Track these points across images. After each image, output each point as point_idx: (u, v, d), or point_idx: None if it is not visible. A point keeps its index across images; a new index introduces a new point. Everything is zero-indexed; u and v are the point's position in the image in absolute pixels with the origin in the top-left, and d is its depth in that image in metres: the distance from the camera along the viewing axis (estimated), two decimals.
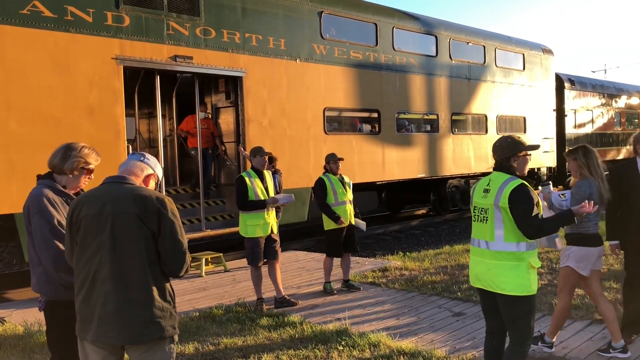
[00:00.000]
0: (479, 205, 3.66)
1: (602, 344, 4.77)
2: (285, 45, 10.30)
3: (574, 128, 19.85)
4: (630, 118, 23.66)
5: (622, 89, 23.94)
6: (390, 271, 8.00)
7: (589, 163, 4.41)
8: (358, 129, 12.19)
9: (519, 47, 16.38)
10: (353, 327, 5.45)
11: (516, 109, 16.09)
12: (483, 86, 14.85)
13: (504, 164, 3.63)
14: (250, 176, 6.46)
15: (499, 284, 3.52)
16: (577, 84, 20.39)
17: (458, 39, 14.13)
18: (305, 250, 10.34)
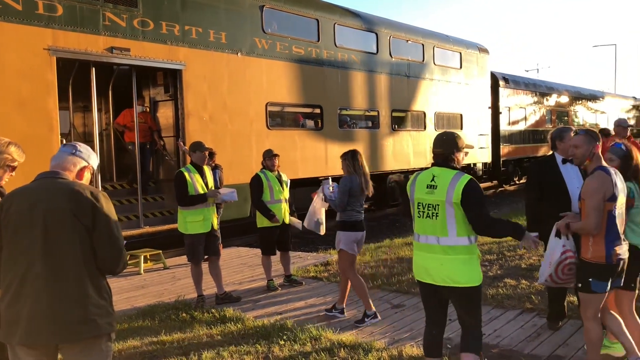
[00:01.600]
0: (425, 202, 3.60)
1: (532, 332, 5.00)
2: (226, 39, 10.18)
3: (508, 125, 20.59)
4: (560, 115, 24.77)
5: (552, 87, 25.03)
6: (332, 265, 8.07)
7: (354, 163, 5.54)
8: (301, 124, 12.22)
9: (456, 46, 16.84)
10: (295, 322, 5.47)
11: (453, 106, 16.54)
12: (422, 84, 15.18)
13: (449, 158, 3.63)
14: (190, 171, 6.36)
15: (455, 278, 3.55)
16: (511, 83, 21.15)
17: (398, 36, 14.37)
18: (248, 246, 10.29)
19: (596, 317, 3.87)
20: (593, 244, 3.76)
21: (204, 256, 6.50)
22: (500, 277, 6.87)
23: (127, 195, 9.78)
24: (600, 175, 3.75)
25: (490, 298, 5.99)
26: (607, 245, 3.73)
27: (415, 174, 3.76)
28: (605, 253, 3.73)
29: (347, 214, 5.55)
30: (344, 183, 5.52)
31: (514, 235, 3.63)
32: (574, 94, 26.60)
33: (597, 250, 3.75)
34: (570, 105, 25.89)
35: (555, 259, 3.97)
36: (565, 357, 4.47)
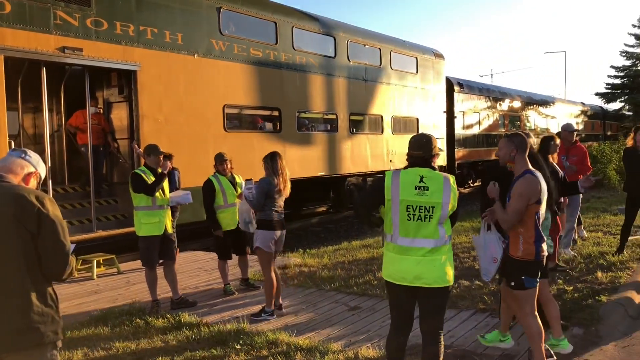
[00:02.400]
0: (417, 204, 3.50)
1: (485, 331, 5.11)
2: (182, 40, 10.05)
3: (463, 129, 21.03)
4: (513, 120, 25.46)
5: (506, 92, 25.71)
6: (290, 268, 8.06)
7: (272, 165, 5.78)
8: (259, 127, 12.17)
9: (413, 51, 17.10)
10: (251, 326, 5.44)
11: (410, 110, 16.78)
12: (379, 88, 15.35)
13: (429, 161, 3.63)
14: (145, 173, 6.25)
15: (445, 277, 3.57)
16: (466, 87, 21.62)
17: (355, 41, 14.49)
18: (204, 250, 10.16)
19: (533, 312, 4.08)
20: (524, 242, 3.99)
21: (158, 260, 6.40)
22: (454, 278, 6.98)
23: (80, 198, 9.52)
24: (530, 179, 3.97)
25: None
26: (536, 244, 3.99)
27: (392, 174, 3.59)
28: (534, 251, 3.98)
29: (265, 213, 5.79)
30: (261, 184, 5.78)
31: None
32: (526, 99, 27.39)
33: (528, 248, 3.99)
34: (522, 110, 26.64)
35: (499, 254, 4.18)
36: (516, 355, 4.58)
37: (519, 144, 4.08)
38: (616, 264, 7.33)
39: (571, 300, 5.88)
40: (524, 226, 4.00)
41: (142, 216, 6.20)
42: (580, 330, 5.06)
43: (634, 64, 38.18)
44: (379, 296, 6.37)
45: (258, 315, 5.79)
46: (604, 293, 6.09)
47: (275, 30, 12.06)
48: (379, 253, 8.74)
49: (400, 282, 3.59)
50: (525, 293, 4.05)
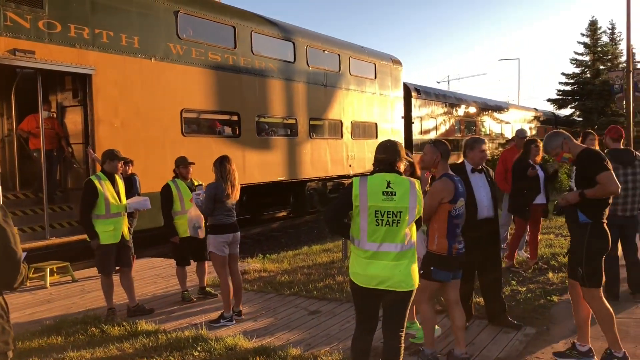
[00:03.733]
0: (385, 209, 3.52)
1: (440, 333, 5.21)
2: (139, 44, 9.91)
3: (420, 134, 21.38)
4: (468, 125, 26.02)
5: (461, 98, 26.27)
6: (250, 274, 8.03)
7: (221, 170, 5.82)
8: (218, 131, 12.08)
9: (371, 57, 17.30)
10: (210, 332, 5.40)
11: (369, 116, 16.97)
12: (338, 93, 15.47)
13: (394, 164, 3.68)
14: (100, 179, 6.13)
15: (410, 282, 3.62)
16: (423, 93, 22.00)
17: (315, 46, 14.58)
18: (162, 256, 10.01)
19: (430, 300, 4.53)
20: (438, 237, 4.36)
21: (115, 267, 6.29)
22: None
23: (32, 205, 9.25)
24: (444, 180, 4.37)
25: None
26: (449, 240, 4.36)
27: (360, 181, 3.59)
28: (447, 246, 4.35)
29: (215, 218, 5.82)
30: (209, 190, 5.82)
31: None
32: (482, 105, 28.05)
33: (442, 243, 4.35)
34: (478, 115, 27.25)
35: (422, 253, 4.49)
36: (472, 355, 4.68)
37: (443, 151, 4.51)
38: (566, 265, 7.56)
39: (524, 301, 6.06)
40: (438, 222, 4.38)
41: (96, 224, 6.07)
42: (533, 330, 5.21)
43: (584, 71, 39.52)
44: (338, 300, 6.41)
45: (216, 322, 5.75)
46: (555, 293, 6.30)
47: (234, 34, 12.02)
48: (338, 257, 8.80)
49: (367, 285, 3.61)
50: (430, 283, 4.41)
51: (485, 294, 5.48)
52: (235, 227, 5.98)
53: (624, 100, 18.84)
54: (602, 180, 4.18)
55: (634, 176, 5.98)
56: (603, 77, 34.95)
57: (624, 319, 5.62)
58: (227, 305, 5.83)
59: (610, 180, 4.18)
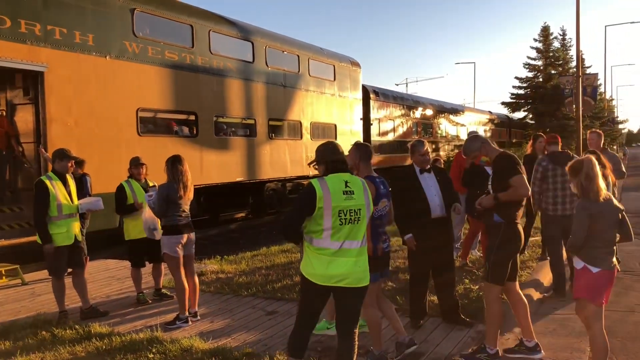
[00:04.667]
0: (348, 208, 3.59)
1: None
2: (93, 41, 9.70)
3: (378, 136, 21.62)
4: (425, 127, 26.45)
5: (419, 101, 26.69)
6: (207, 275, 7.97)
7: (172, 170, 5.70)
8: (174, 131, 11.93)
9: (330, 59, 17.41)
10: (165, 334, 5.34)
11: (328, 117, 17.06)
12: (298, 94, 15.50)
13: (347, 165, 3.79)
14: (52, 179, 5.97)
15: (365, 277, 3.71)
16: (381, 96, 22.25)
17: (274, 46, 14.57)
18: (117, 258, 9.82)
19: (373, 304, 4.50)
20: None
21: (67, 269, 6.14)
22: None
23: None
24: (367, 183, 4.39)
25: None
26: (372, 241, 4.39)
27: (320, 183, 3.61)
28: (372, 248, 4.33)
29: (168, 219, 5.74)
30: (161, 190, 5.75)
31: None
32: (438, 107, 28.55)
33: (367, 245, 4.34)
34: (434, 118, 27.73)
35: None
36: (425, 353, 4.78)
37: (363, 153, 4.61)
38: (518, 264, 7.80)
39: (477, 299, 6.21)
40: None
41: (48, 227, 5.91)
42: (484, 327, 5.35)
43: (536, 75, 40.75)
44: (296, 300, 6.42)
45: (172, 323, 5.69)
46: None
47: (191, 33, 11.91)
48: (296, 257, 8.81)
49: (326, 283, 3.63)
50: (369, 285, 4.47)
51: (439, 292, 5.61)
52: (190, 227, 5.93)
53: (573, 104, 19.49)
54: (514, 183, 4.37)
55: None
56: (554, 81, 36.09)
57: (569, 315, 5.84)
58: (182, 306, 5.78)
59: (522, 184, 4.37)
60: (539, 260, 8.06)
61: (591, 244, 3.96)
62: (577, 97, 18.76)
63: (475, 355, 4.51)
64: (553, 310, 6.04)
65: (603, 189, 4.01)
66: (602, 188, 3.99)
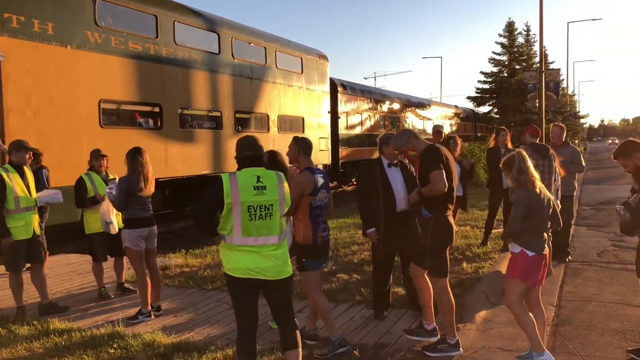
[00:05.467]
0: (258, 203, 3.60)
1: (360, 323, 5.34)
2: (53, 30, 9.44)
3: (346, 129, 21.67)
4: (393, 121, 26.63)
5: (386, 95, 26.83)
6: (171, 269, 7.89)
7: (133, 163, 5.61)
8: (138, 123, 11.72)
9: (298, 51, 17.34)
10: (127, 329, 5.26)
11: (295, 110, 17.01)
12: (265, 86, 15.40)
13: (260, 159, 3.82)
14: (8, 172, 5.80)
15: (286, 269, 3.75)
16: (349, 89, 22.29)
17: (240, 38, 14.42)
18: (79, 252, 9.62)
19: (317, 290, 4.63)
20: (303, 228, 4.53)
21: (25, 264, 5.99)
22: (334, 272, 7.22)
23: None
24: (305, 174, 4.56)
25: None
26: (313, 230, 4.52)
27: (229, 178, 3.62)
28: (312, 236, 4.51)
29: (130, 212, 5.68)
30: (121, 183, 5.67)
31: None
32: (405, 101, 28.77)
33: (307, 234, 4.53)
34: (401, 111, 27.94)
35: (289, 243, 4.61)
36: (389, 344, 4.83)
37: (303, 146, 4.69)
38: (480, 255, 7.96)
39: None
40: (302, 214, 4.52)
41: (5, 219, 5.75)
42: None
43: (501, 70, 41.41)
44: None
45: (134, 318, 5.62)
46: (469, 282, 6.60)
47: (155, 23, 11.69)
48: None
49: (246, 276, 3.64)
50: (308, 274, 4.58)
51: (407, 283, 5.65)
52: (151, 221, 5.85)
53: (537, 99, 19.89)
54: (432, 178, 4.44)
55: (550, 168, 6.64)
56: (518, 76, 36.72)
57: None
58: (145, 300, 5.71)
59: (439, 180, 4.42)
60: (501, 252, 8.21)
61: (528, 230, 4.21)
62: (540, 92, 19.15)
63: (437, 347, 4.57)
64: None
65: (537, 179, 4.28)
66: (536, 179, 4.26)
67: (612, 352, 4.56)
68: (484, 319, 5.49)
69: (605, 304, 5.81)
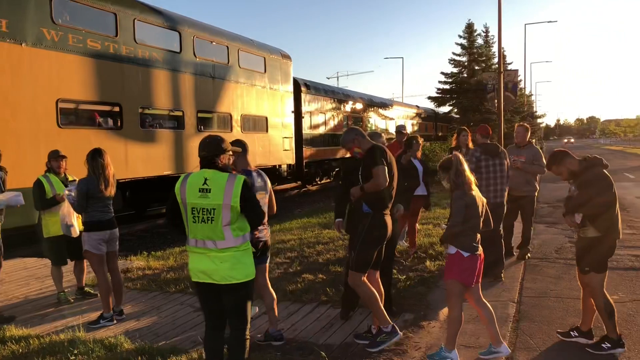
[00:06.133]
0: (200, 206, 3.58)
1: (326, 323, 5.35)
2: (7, 27, 9.13)
3: (310, 129, 21.69)
4: (356, 121, 26.78)
5: (349, 95, 26.97)
6: (133, 272, 7.74)
7: (92, 164, 5.53)
8: (98, 123, 11.46)
9: (261, 51, 17.25)
10: (88, 334, 5.14)
11: (259, 109, 16.92)
12: (228, 86, 15.26)
13: (214, 161, 3.71)
14: None
15: (234, 275, 3.64)
16: (313, 89, 22.32)
17: (202, 37, 14.26)
18: (36, 256, 9.34)
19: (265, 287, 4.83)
20: None
21: None
22: (299, 272, 7.21)
23: None
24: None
25: (290, 294, 6.27)
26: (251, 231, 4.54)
27: (184, 176, 3.70)
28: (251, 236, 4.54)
29: (90, 214, 5.56)
30: (80, 185, 5.56)
31: None
32: (368, 101, 28.97)
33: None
34: (364, 111, 28.13)
35: None
36: (355, 343, 4.85)
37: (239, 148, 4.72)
38: (443, 253, 8.07)
39: (403, 289, 6.37)
40: None
41: None
42: (411, 316, 5.50)
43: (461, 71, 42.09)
44: None
45: (96, 322, 5.50)
46: (432, 280, 6.69)
47: (115, 21, 11.45)
48: None
49: (198, 279, 3.73)
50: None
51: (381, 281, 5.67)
52: (113, 223, 5.73)
53: (495, 100, 20.31)
54: (374, 173, 4.54)
55: (501, 166, 6.76)
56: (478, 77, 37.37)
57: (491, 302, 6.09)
58: (106, 304, 5.59)
59: (380, 175, 4.51)
60: None
61: (463, 232, 4.33)
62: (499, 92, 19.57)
63: (377, 340, 4.63)
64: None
65: (473, 181, 4.43)
66: (472, 181, 4.42)
67: (570, 347, 4.70)
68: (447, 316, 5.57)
69: (564, 299, 5.98)
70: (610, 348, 4.52)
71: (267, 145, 17.06)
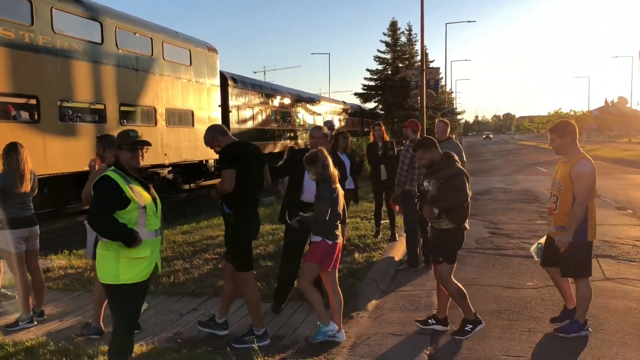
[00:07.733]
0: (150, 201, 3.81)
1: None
2: None
3: (237, 123, 21.48)
4: (284, 116, 26.79)
5: (277, 89, 26.92)
6: (54, 271, 7.45)
7: (8, 160, 5.28)
8: (12, 116, 10.86)
9: (186, 43, 16.90)
10: (7, 337, 4.91)
11: (185, 103, 16.59)
12: (152, 78, 14.86)
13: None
14: None
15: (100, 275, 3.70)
16: (240, 83, 22.10)
17: (125, 28, 13.80)
18: None
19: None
20: None
21: None
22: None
23: None
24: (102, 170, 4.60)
25: (220, 289, 6.23)
26: None
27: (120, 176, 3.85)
28: None
29: (7, 211, 5.33)
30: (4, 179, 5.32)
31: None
32: (296, 96, 29.03)
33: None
34: (292, 106, 28.17)
35: None
36: (286, 335, 4.91)
37: (106, 143, 4.86)
38: (370, 245, 8.29)
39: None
40: None
41: None
42: None
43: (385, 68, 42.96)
44: (152, 292, 6.24)
45: (14, 325, 5.25)
46: (361, 272, 6.86)
47: (30, 9, 10.87)
48: None
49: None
50: None
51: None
52: (33, 220, 5.51)
53: (418, 96, 20.93)
54: (221, 175, 4.62)
55: None
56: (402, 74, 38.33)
57: (416, 291, 6.34)
58: (26, 306, 5.36)
59: (225, 178, 4.56)
60: (389, 242, 8.61)
61: (328, 221, 4.65)
62: (422, 89, 20.18)
63: (244, 338, 4.68)
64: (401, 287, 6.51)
65: (336, 175, 4.77)
66: (336, 174, 4.76)
67: (490, 331, 4.97)
68: (375, 307, 5.75)
69: (485, 287, 6.31)
70: (473, 328, 4.85)
71: (193, 139, 16.76)
